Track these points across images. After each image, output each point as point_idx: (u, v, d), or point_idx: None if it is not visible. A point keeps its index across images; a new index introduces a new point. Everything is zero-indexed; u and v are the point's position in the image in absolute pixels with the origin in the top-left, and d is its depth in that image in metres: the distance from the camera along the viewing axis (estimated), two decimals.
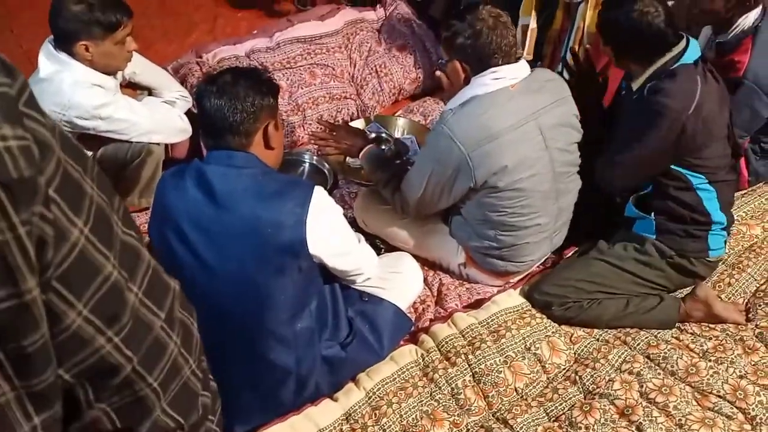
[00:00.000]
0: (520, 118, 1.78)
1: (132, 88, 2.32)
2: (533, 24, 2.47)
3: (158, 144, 2.22)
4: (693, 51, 1.85)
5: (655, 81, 1.85)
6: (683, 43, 1.85)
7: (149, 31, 3.35)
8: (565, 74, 2.29)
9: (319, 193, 1.53)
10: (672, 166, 1.89)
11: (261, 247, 1.48)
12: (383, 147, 2.45)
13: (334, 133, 2.14)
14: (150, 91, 2.32)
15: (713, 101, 1.85)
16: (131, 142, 2.15)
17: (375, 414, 1.72)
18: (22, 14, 3.44)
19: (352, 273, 1.70)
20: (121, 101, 2.11)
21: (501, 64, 1.77)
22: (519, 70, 1.80)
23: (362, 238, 1.78)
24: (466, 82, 1.80)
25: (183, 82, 2.57)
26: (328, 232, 1.56)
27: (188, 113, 2.35)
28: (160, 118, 2.20)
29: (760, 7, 2.08)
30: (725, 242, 2.00)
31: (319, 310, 1.65)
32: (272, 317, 1.55)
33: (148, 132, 2.16)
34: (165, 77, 2.35)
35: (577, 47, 2.39)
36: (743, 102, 2.09)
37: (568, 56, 2.41)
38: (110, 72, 2.08)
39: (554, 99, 1.87)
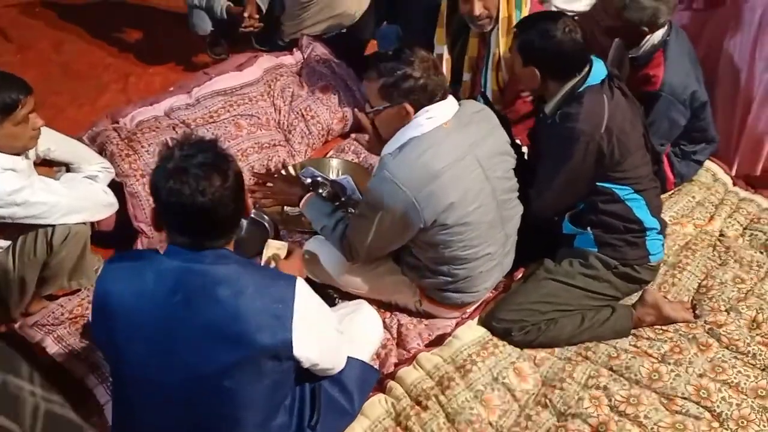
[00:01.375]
0: (458, 153, 1.79)
1: (48, 165, 2.18)
2: (446, 54, 2.51)
3: (83, 223, 2.09)
4: (598, 71, 1.93)
5: (565, 107, 1.91)
6: (588, 64, 1.92)
7: (56, 97, 3.19)
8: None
9: (302, 288, 1.41)
10: (597, 183, 1.96)
11: (240, 351, 1.34)
12: (320, 190, 2.42)
13: (270, 185, 2.09)
14: (68, 167, 2.18)
15: (623, 117, 1.92)
16: (53, 225, 2.00)
17: None
18: None
19: (328, 369, 1.59)
20: (37, 183, 1.96)
21: (432, 104, 1.77)
22: (449, 107, 1.82)
23: (338, 325, 1.67)
24: (406, 121, 1.78)
25: (101, 151, 2.44)
26: (316, 331, 1.45)
27: (111, 184, 2.23)
28: (83, 196, 2.06)
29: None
30: (663, 245, 2.07)
31: (291, 402, 1.55)
32: (246, 422, 1.43)
33: (71, 212, 2.01)
34: (82, 150, 2.22)
35: (495, 74, 2.44)
36: (662, 113, 2.19)
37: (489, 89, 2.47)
38: (18, 153, 1.95)
39: (485, 130, 1.90)
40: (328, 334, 1.55)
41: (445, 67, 2.51)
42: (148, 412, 1.46)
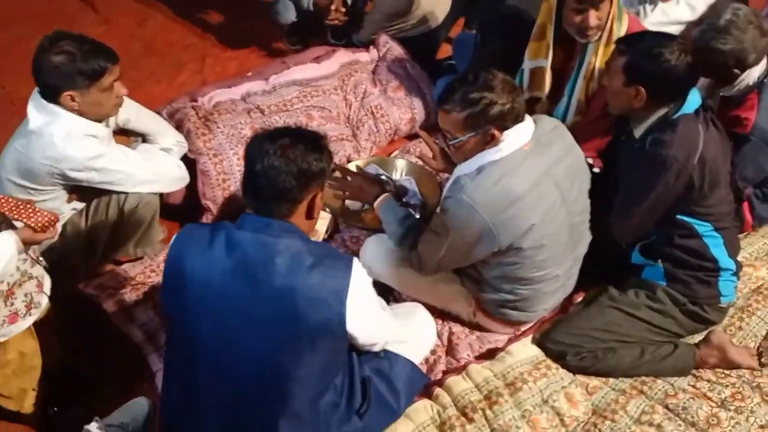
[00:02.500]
0: (537, 177, 1.74)
1: (125, 134, 2.24)
2: (548, 66, 2.43)
3: (154, 193, 2.15)
4: (694, 100, 1.85)
5: (656, 133, 1.84)
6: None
7: (135, 72, 3.28)
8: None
9: (358, 267, 1.46)
10: (677, 216, 1.89)
11: (296, 324, 1.39)
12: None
13: (349, 178, 2.09)
14: (144, 138, 2.24)
15: (716, 149, 1.85)
16: (126, 192, 2.06)
17: None
18: (3, 56, 3.36)
19: (376, 345, 1.63)
20: (116, 151, 2.03)
21: (512, 126, 1.74)
22: (527, 129, 1.77)
23: (384, 304, 1.71)
24: (493, 145, 1.73)
25: (179, 126, 2.50)
26: (366, 308, 1.49)
27: (185, 159, 2.29)
28: (157, 168, 2.12)
29: (765, 61, 2.07)
30: (735, 288, 1.99)
31: (342, 383, 1.58)
32: (297, 398, 1.46)
33: (144, 182, 2.08)
34: (160, 123, 2.28)
35: (586, 83, 2.36)
36: (749, 157, 2.09)
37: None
38: (101, 120, 2.01)
39: (563, 149, 1.84)
40: (377, 311, 1.58)
41: (548, 80, 2.41)
42: (200, 382, 1.49)
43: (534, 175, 1.74)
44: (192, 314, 1.43)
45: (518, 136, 1.73)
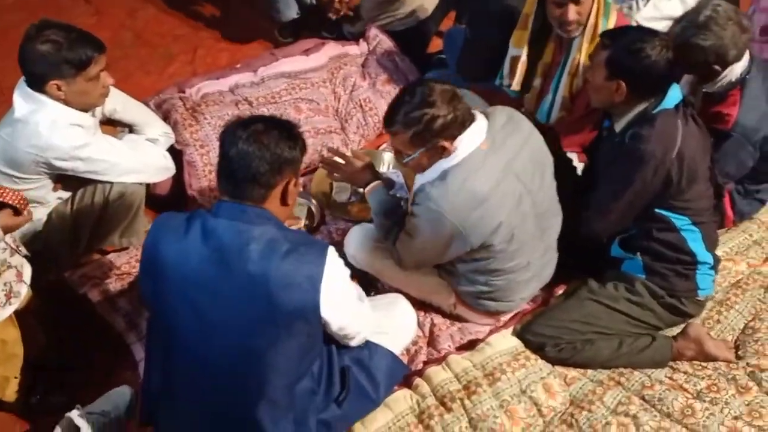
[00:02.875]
0: (499, 174, 1.76)
1: (112, 125, 2.25)
2: (524, 56, 2.46)
3: (140, 183, 2.16)
4: (674, 96, 1.86)
5: (636, 128, 1.85)
6: None
7: (126, 62, 3.29)
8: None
9: (333, 255, 1.48)
10: (655, 209, 1.91)
11: (270, 310, 1.41)
12: None
13: (344, 162, 2.10)
14: (131, 129, 2.25)
15: (695, 145, 1.86)
16: (112, 182, 2.07)
17: None
18: None
19: (352, 336, 1.64)
20: (101, 141, 2.04)
21: (465, 129, 1.74)
22: (480, 128, 1.77)
23: (363, 295, 1.73)
24: (446, 155, 1.75)
25: (166, 117, 2.51)
26: (341, 296, 1.51)
27: (171, 150, 2.29)
28: (143, 158, 2.13)
29: (746, 57, 2.07)
30: (713, 281, 2.01)
31: (319, 370, 1.60)
32: (273, 383, 1.48)
33: (129, 172, 2.08)
34: (147, 114, 2.29)
35: (571, 79, 2.38)
36: (731, 153, 2.09)
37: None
38: (87, 109, 2.01)
39: (520, 141, 1.84)
40: (353, 300, 1.60)
41: (520, 70, 2.45)
42: (178, 369, 1.51)
43: (495, 173, 1.76)
44: (169, 302, 1.45)
45: (472, 138, 1.74)
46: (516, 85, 2.51)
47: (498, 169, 1.76)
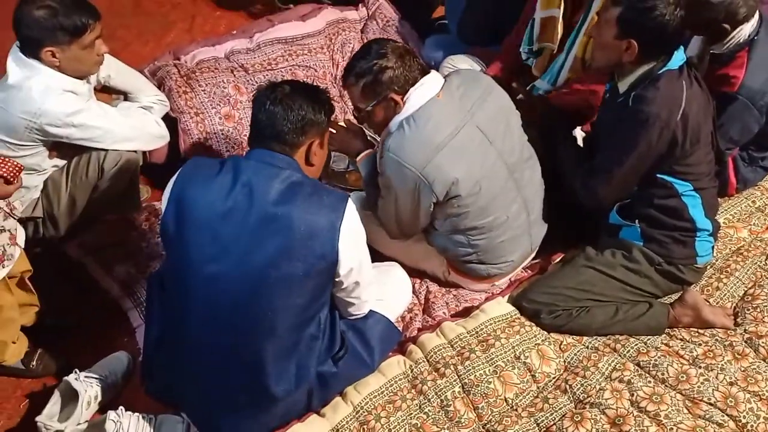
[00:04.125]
0: (456, 122, 1.80)
1: (107, 92, 2.24)
2: (560, 15, 2.36)
3: (134, 151, 2.15)
4: (677, 57, 1.81)
5: (639, 90, 1.80)
6: None
7: (124, 31, 3.26)
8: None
9: (352, 204, 1.55)
10: (657, 174, 1.87)
11: (291, 244, 1.47)
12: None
13: (335, 131, 2.10)
14: (126, 96, 2.23)
15: (699, 107, 1.82)
16: (106, 150, 2.07)
17: (363, 429, 1.70)
18: None
19: (357, 302, 1.69)
20: (95, 108, 2.02)
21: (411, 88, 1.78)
22: (435, 81, 1.81)
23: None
24: (398, 110, 1.79)
25: (160, 85, 2.49)
26: (356, 242, 1.56)
27: (166, 117, 2.28)
28: (136, 125, 2.11)
29: (756, 18, 2.02)
30: (713, 248, 1.99)
31: (325, 320, 1.64)
32: (282, 320, 1.52)
33: (124, 139, 2.07)
34: (141, 81, 2.26)
35: (586, 39, 2.29)
36: (735, 117, 2.05)
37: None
38: (81, 77, 2.00)
39: (479, 92, 1.87)
40: (366, 253, 1.64)
41: (558, 30, 2.32)
42: (190, 306, 1.53)
43: (453, 121, 1.79)
44: (191, 234, 1.49)
45: (424, 90, 1.78)
46: (555, 45, 2.40)
47: (455, 118, 1.80)
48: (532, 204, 2.00)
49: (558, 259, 2.12)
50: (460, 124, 1.79)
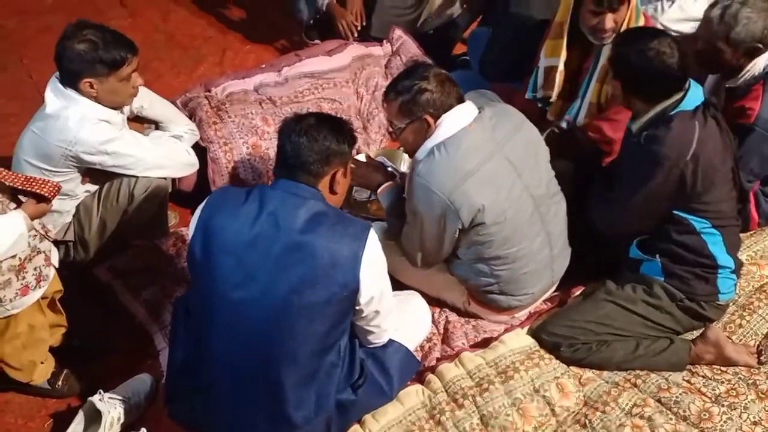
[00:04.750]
0: (486, 153, 1.84)
1: (139, 121, 2.33)
2: (561, 66, 2.42)
3: (164, 178, 2.22)
4: (694, 97, 1.85)
5: (651, 129, 1.85)
6: (685, 88, 1.85)
7: (158, 63, 3.38)
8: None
9: (374, 233, 1.59)
10: (674, 211, 1.89)
11: (314, 273, 1.50)
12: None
13: (353, 166, 2.14)
14: (157, 125, 2.32)
15: (713, 148, 1.84)
16: (137, 176, 2.14)
17: None
18: (32, 44, 3.48)
19: (377, 331, 1.71)
20: (128, 136, 2.10)
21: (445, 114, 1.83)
22: (469, 111, 1.86)
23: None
24: (430, 133, 1.85)
25: (191, 115, 2.57)
26: (378, 271, 1.60)
27: (195, 147, 2.35)
28: (167, 153, 2.19)
29: None
30: (735, 285, 1.98)
31: (345, 348, 1.66)
32: (303, 347, 1.55)
33: (155, 167, 2.15)
34: (173, 111, 2.35)
35: (600, 86, 2.36)
36: (754, 149, 2.06)
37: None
38: (116, 107, 2.09)
39: (511, 127, 1.92)
40: (387, 282, 1.67)
41: (558, 80, 2.40)
42: (214, 331, 1.57)
43: (483, 151, 1.84)
44: (216, 259, 1.53)
45: (458, 117, 1.83)
46: (555, 96, 2.47)
47: (486, 147, 1.84)
48: (556, 239, 2.02)
49: (578, 293, 2.12)
50: (490, 154, 1.84)
